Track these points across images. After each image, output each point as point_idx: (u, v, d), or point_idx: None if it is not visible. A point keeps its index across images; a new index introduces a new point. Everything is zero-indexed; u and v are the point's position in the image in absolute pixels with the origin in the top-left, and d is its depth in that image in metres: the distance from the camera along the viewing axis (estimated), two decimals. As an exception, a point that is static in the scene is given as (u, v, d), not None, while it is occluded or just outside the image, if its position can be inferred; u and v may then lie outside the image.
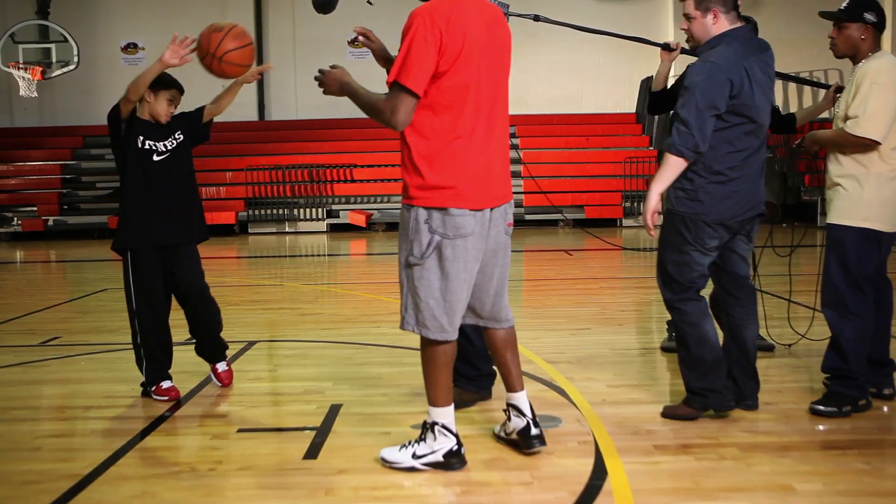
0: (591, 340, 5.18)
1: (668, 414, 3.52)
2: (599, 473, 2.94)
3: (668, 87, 4.52)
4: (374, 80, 5.23)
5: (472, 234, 2.89)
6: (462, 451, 3.00)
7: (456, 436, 3.00)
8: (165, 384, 4.00)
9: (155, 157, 3.93)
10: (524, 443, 3.11)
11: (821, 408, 3.56)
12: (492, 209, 2.97)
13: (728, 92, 3.26)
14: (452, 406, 3.02)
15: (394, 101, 2.80)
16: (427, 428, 3.00)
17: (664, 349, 4.76)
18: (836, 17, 3.62)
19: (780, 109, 4.39)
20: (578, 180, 15.33)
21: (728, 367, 3.54)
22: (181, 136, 4.01)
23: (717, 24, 3.39)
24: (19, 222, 15.50)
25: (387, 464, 3.02)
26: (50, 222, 15.54)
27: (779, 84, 15.21)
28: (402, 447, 3.02)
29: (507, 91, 3.06)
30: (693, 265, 3.42)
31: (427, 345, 2.97)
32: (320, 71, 3.06)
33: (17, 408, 4.01)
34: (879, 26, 3.58)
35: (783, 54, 3.88)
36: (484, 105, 2.90)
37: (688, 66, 3.45)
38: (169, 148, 3.97)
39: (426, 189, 2.86)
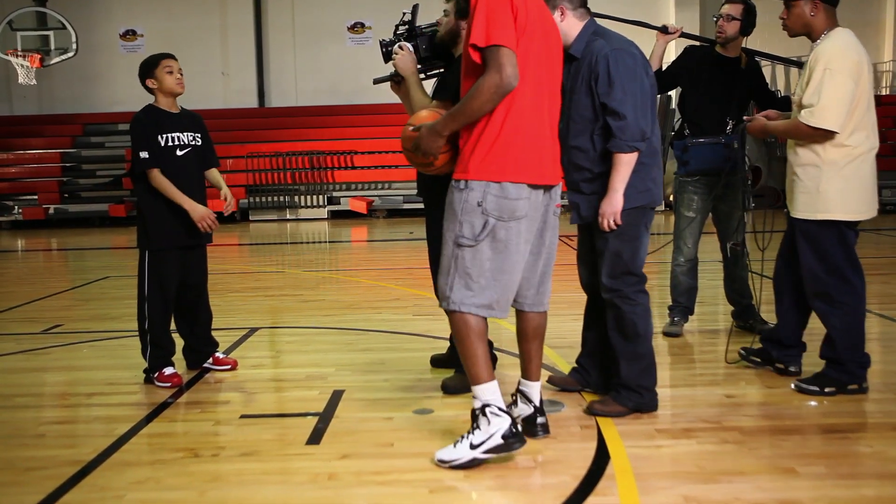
0: (592, 325, 5.18)
1: (597, 411, 3.36)
2: (602, 457, 2.95)
3: (662, 69, 4.60)
4: (373, 66, 5.21)
5: (525, 217, 2.85)
6: (519, 429, 2.90)
7: (509, 413, 2.89)
8: (168, 370, 4.01)
9: (178, 153, 3.99)
10: (528, 430, 3.10)
11: (802, 385, 3.62)
12: (544, 190, 2.93)
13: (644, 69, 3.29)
14: (496, 381, 2.90)
15: (496, 62, 2.66)
16: (477, 414, 2.88)
17: (666, 333, 4.76)
18: None
19: (780, 92, 4.39)
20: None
21: (597, 354, 3.61)
22: (199, 140, 4.10)
23: (565, 21, 3.30)
24: (20, 211, 15.50)
25: (444, 464, 2.87)
26: (51, 210, 15.54)
27: (779, 68, 15.15)
28: (456, 443, 2.91)
29: (559, 80, 3.03)
30: (645, 249, 3.42)
31: (458, 320, 2.88)
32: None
33: (21, 395, 4.02)
34: (831, 0, 3.47)
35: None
36: (544, 82, 2.88)
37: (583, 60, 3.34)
38: (189, 143, 4.04)
39: (483, 163, 2.79)
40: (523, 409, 3.14)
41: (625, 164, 3.23)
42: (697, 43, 4.88)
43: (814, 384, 3.60)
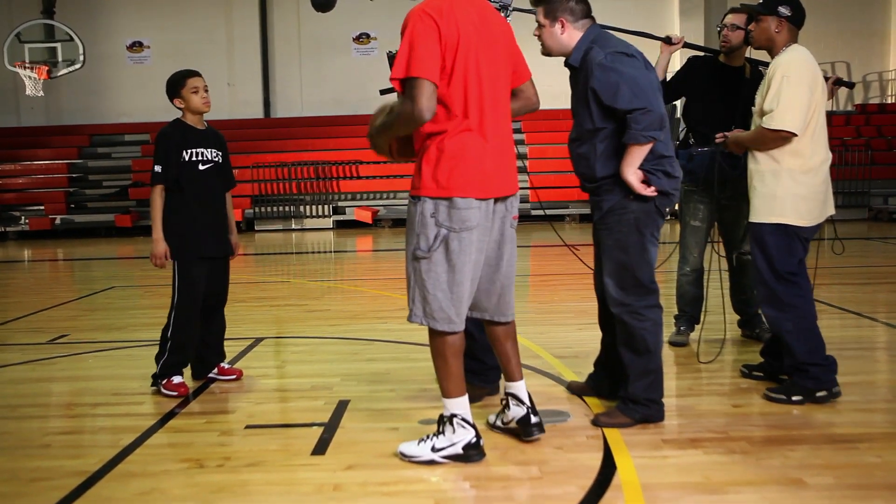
0: (598, 335, 5.12)
1: (603, 423, 3.35)
2: (608, 468, 2.93)
3: (667, 79, 4.61)
4: (379, 77, 5.23)
5: (476, 227, 2.92)
6: (481, 443, 3.01)
7: (474, 427, 3.00)
8: (176, 379, 4.02)
9: (200, 167, 4.07)
10: (524, 430, 3.14)
11: (770, 394, 3.65)
12: (496, 201, 3.00)
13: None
14: (467, 397, 3.02)
15: (410, 93, 2.78)
16: (445, 421, 3.00)
17: (672, 343, 4.74)
18: (753, 9, 3.75)
19: None
20: (584, 175, 15.29)
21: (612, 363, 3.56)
22: (220, 158, 4.17)
23: (566, 33, 3.29)
24: (27, 221, 15.55)
25: (405, 458, 3.02)
26: (57, 221, 15.59)
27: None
28: (420, 441, 3.03)
29: (508, 84, 3.08)
30: (652, 262, 3.35)
31: (435, 337, 2.99)
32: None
33: (26, 405, 4.02)
34: (795, 20, 3.66)
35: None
36: (487, 97, 2.93)
37: (573, 73, 3.35)
38: (211, 158, 4.12)
39: (433, 180, 2.89)
40: (516, 412, 3.16)
41: (638, 150, 3.16)
42: (701, 53, 4.89)
43: (781, 393, 3.63)
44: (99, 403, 4.00)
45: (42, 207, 15.87)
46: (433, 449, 2.99)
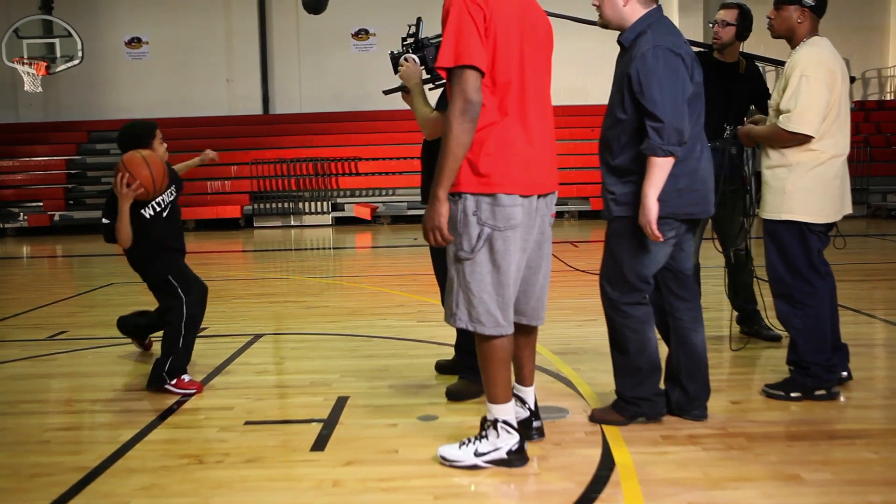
0: (597, 331, 5.14)
1: (598, 419, 3.35)
2: (607, 464, 2.94)
3: None
4: (378, 73, 5.25)
5: (520, 225, 2.81)
6: (524, 448, 2.94)
7: (519, 432, 2.93)
8: (186, 378, 4.02)
9: (164, 215, 4.10)
10: (523, 433, 3.11)
11: (768, 389, 3.65)
12: (538, 197, 2.88)
13: (688, 74, 3.11)
14: (513, 402, 2.94)
15: (460, 85, 2.63)
16: (489, 425, 2.92)
17: (671, 340, 4.74)
18: None
19: None
20: (584, 172, 15.20)
21: (677, 374, 3.37)
22: (174, 194, 4.19)
23: (629, 5, 3.16)
24: (25, 218, 15.53)
25: (446, 462, 2.93)
26: (56, 217, 15.57)
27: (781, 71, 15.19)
28: (461, 444, 2.95)
29: (549, 78, 2.95)
30: (652, 261, 3.21)
31: (483, 341, 2.86)
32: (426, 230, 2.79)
33: (26, 401, 4.02)
34: (817, 9, 3.57)
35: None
36: (529, 89, 2.80)
37: (624, 56, 3.23)
38: (169, 200, 4.14)
39: (476, 175, 2.74)
40: (519, 413, 3.14)
41: (658, 167, 3.01)
42: (695, 49, 4.87)
43: (780, 389, 3.62)
44: (98, 399, 4.01)
45: (41, 204, 15.85)
46: (476, 453, 2.90)
